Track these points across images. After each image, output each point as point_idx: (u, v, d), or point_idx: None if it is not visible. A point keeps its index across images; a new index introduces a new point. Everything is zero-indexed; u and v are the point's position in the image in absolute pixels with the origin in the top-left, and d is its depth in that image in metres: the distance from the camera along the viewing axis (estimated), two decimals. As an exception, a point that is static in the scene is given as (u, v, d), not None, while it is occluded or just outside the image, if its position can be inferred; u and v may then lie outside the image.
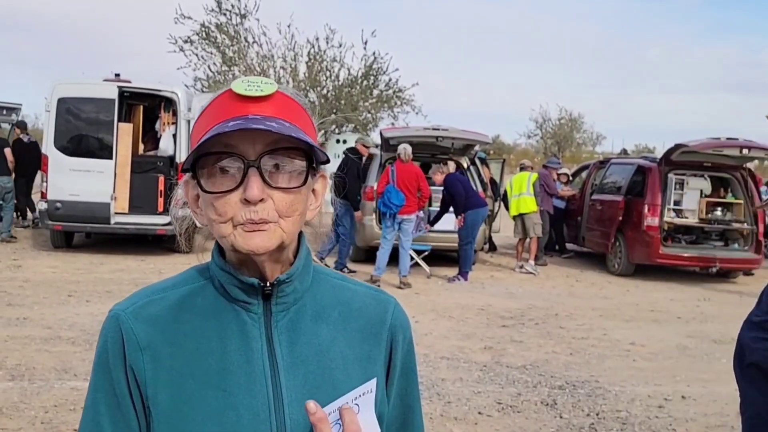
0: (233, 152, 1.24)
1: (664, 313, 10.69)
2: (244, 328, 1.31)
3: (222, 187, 1.25)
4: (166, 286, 1.37)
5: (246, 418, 1.26)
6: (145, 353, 1.28)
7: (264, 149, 1.24)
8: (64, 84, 13.22)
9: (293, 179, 1.27)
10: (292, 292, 1.34)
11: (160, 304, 1.33)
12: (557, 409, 6.24)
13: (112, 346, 1.30)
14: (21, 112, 18.32)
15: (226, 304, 1.33)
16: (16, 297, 9.47)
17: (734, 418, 6.23)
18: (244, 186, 1.23)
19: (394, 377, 1.42)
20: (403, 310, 1.46)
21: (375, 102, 26.69)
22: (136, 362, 1.28)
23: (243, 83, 1.27)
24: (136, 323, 1.30)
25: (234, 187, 1.24)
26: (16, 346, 7.28)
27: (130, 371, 1.28)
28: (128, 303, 1.34)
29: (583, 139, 54.73)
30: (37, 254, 13.03)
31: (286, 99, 1.30)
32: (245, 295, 1.32)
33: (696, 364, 7.95)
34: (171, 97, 13.60)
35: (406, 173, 11.82)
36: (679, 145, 13.32)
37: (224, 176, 1.25)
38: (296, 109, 1.31)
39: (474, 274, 12.85)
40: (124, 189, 13.37)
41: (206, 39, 25.58)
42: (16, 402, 5.76)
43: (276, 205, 1.25)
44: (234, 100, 1.27)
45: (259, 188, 1.23)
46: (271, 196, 1.25)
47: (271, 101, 1.27)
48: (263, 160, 1.24)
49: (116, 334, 1.30)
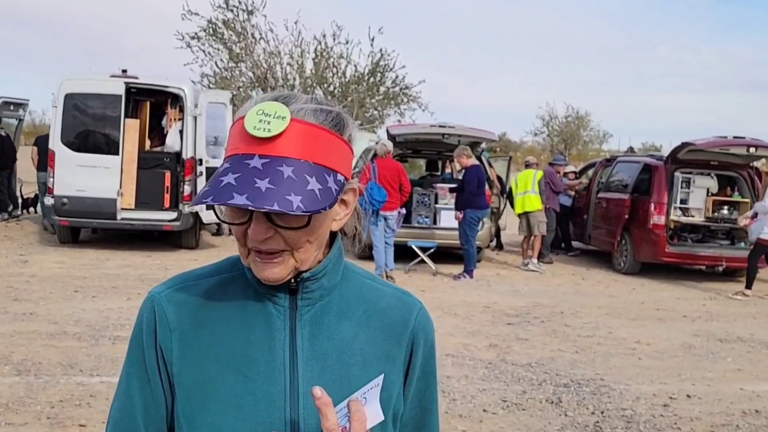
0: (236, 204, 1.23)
1: (670, 311, 10.67)
2: (269, 319, 1.36)
3: (234, 219, 1.30)
4: (202, 273, 1.44)
5: (263, 404, 1.31)
6: (174, 334, 1.36)
7: None
8: (71, 80, 13.25)
9: (299, 219, 1.27)
10: (318, 288, 1.38)
11: (192, 290, 1.41)
12: (562, 407, 6.24)
13: (147, 325, 1.38)
14: (28, 108, 18.38)
15: (254, 295, 1.38)
16: (23, 292, 9.50)
17: (739, 417, 6.22)
18: (249, 227, 1.28)
19: (413, 379, 1.45)
20: (427, 315, 1.48)
21: (382, 99, 26.67)
22: (165, 342, 1.36)
23: (255, 117, 1.25)
24: (168, 305, 1.38)
25: (242, 222, 1.29)
26: (22, 341, 7.31)
27: (160, 350, 1.36)
28: (164, 286, 1.42)
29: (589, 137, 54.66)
30: (44, 249, 13.07)
31: (302, 128, 1.26)
32: (272, 289, 1.37)
33: (701, 363, 7.94)
34: (178, 93, 13.62)
35: (387, 169, 11.79)
36: (686, 144, 13.29)
37: (236, 210, 1.30)
38: (313, 137, 1.27)
39: (480, 271, 12.85)
40: (131, 185, 13.40)
41: (213, 35, 25.59)
42: (22, 397, 5.78)
43: (285, 240, 1.29)
44: (243, 137, 1.26)
45: (261, 230, 1.27)
46: (279, 233, 1.28)
47: (284, 138, 1.24)
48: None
49: (150, 314, 1.39)
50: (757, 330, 9.66)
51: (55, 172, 12.94)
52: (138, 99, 14.45)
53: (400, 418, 1.45)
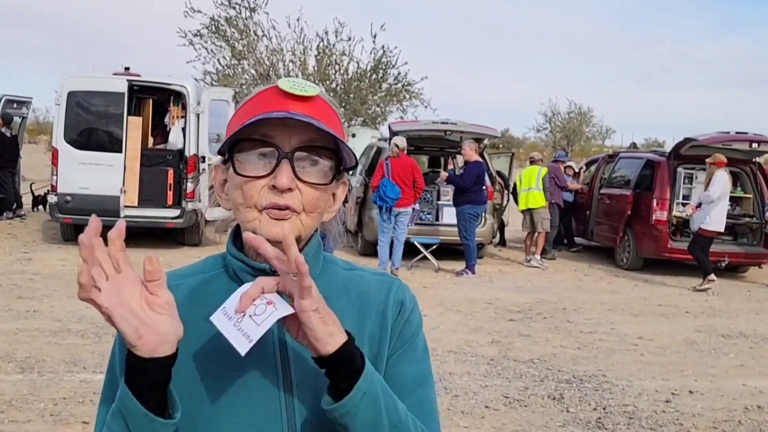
0: (270, 141, 1.31)
1: (673, 307, 10.68)
2: None
3: (254, 172, 1.32)
4: (185, 273, 1.44)
5: (258, 397, 1.32)
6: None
7: (299, 144, 1.31)
8: (74, 78, 13.28)
9: (321, 177, 1.34)
10: None
11: (177, 290, 1.36)
12: (564, 404, 6.25)
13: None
14: (32, 106, 18.40)
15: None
16: (26, 290, 9.53)
17: (741, 413, 6.23)
18: (275, 174, 1.30)
19: (392, 345, 1.42)
20: (405, 289, 1.48)
21: (384, 96, 26.68)
22: None
23: (289, 82, 1.34)
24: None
25: (265, 174, 1.31)
26: (25, 338, 7.33)
27: None
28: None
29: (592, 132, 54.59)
30: (48, 247, 13.09)
31: (324, 104, 1.37)
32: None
33: (704, 359, 7.94)
34: (180, 90, 13.63)
35: (401, 166, 11.84)
36: (689, 139, 13.28)
37: (258, 163, 1.32)
38: (332, 116, 1.38)
39: (482, 267, 12.86)
40: (134, 182, 13.41)
41: (216, 33, 25.62)
42: (26, 394, 5.80)
43: (303, 198, 1.32)
44: (278, 96, 1.34)
45: (288, 178, 1.30)
46: (299, 189, 1.32)
47: (312, 103, 1.34)
48: (297, 153, 1.31)
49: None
50: (759, 326, 9.66)
51: (59, 170, 12.96)
52: (141, 97, 14.46)
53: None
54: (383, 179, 11.76)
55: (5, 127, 16.20)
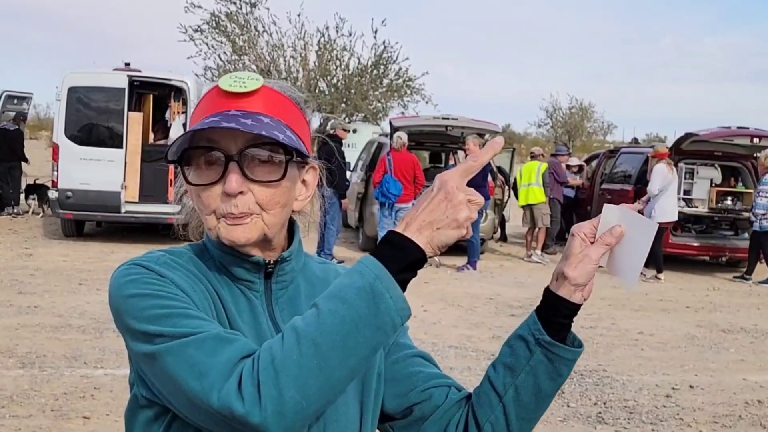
0: (215, 146, 1.29)
1: (673, 302, 10.68)
2: (251, 304, 1.37)
3: (206, 179, 1.30)
4: (177, 251, 1.39)
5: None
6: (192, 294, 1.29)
7: (245, 144, 1.29)
8: (74, 73, 13.28)
9: (273, 172, 1.31)
10: (290, 270, 1.41)
11: (182, 262, 1.35)
12: (565, 398, 6.25)
13: (153, 273, 1.27)
14: (32, 101, 18.40)
15: (230, 282, 1.38)
16: (27, 285, 9.53)
17: (742, 408, 6.23)
18: (224, 180, 1.28)
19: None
20: None
21: (385, 91, 26.65)
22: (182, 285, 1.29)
23: (229, 79, 1.32)
24: (172, 271, 1.30)
25: (215, 180, 1.29)
26: (26, 334, 7.33)
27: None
28: (151, 257, 1.33)
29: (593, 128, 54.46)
30: (48, 243, 13.10)
31: (272, 94, 1.34)
32: (248, 274, 1.37)
33: (704, 354, 7.94)
34: (181, 86, 13.63)
35: (402, 162, 11.85)
36: (690, 135, 13.27)
37: (209, 169, 1.30)
38: (282, 103, 1.35)
39: (483, 263, 12.86)
40: (135, 178, 13.42)
41: (216, 28, 25.60)
42: (27, 389, 5.81)
43: (256, 197, 1.30)
44: (220, 96, 1.32)
45: (237, 182, 1.27)
46: (251, 189, 1.30)
47: (255, 97, 1.32)
48: (244, 154, 1.29)
49: (148, 272, 1.28)
50: (760, 321, 9.66)
51: (59, 166, 12.96)
52: (141, 92, 14.46)
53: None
54: (386, 175, 11.75)
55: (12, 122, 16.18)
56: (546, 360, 1.35)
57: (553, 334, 1.35)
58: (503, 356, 1.40)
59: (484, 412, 1.40)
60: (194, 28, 25.54)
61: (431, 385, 1.46)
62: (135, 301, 1.24)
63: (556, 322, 1.36)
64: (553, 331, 1.35)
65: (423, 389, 1.45)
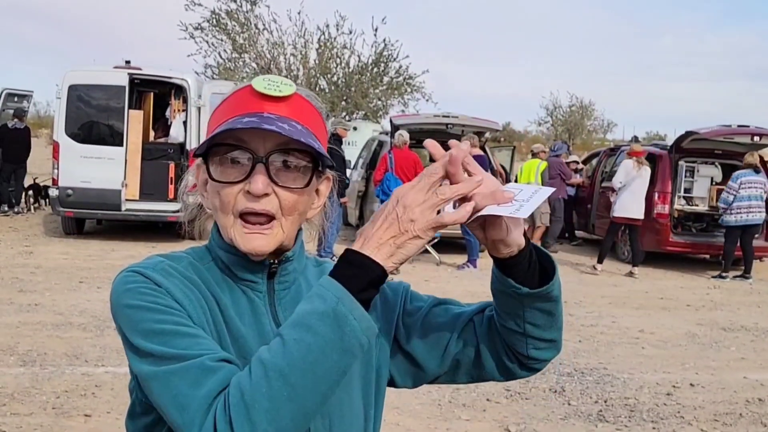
0: (244, 146, 1.29)
1: (674, 300, 10.68)
2: (254, 305, 1.37)
3: (230, 177, 1.30)
4: (177, 256, 1.40)
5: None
6: (187, 303, 1.29)
7: (273, 147, 1.29)
8: (75, 71, 13.28)
9: (298, 179, 1.31)
10: (293, 270, 1.41)
11: (180, 269, 1.35)
12: (565, 396, 6.25)
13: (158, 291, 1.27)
14: (33, 99, 18.39)
15: (232, 283, 1.38)
16: (28, 283, 9.53)
17: (742, 406, 6.23)
18: (249, 180, 1.28)
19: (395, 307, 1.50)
20: None
21: (385, 89, 26.64)
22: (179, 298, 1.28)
23: (264, 81, 1.32)
24: (169, 279, 1.30)
25: (241, 179, 1.29)
26: (27, 332, 7.34)
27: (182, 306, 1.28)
28: (150, 264, 1.34)
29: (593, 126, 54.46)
30: (49, 241, 13.10)
31: (302, 101, 1.35)
32: (251, 274, 1.37)
33: (705, 352, 7.94)
34: (181, 84, 13.63)
35: (404, 160, 11.85)
36: (690, 133, 13.26)
37: (233, 167, 1.30)
38: (311, 112, 1.36)
39: (484, 261, 12.84)
40: (135, 176, 13.42)
41: (217, 26, 25.59)
42: (28, 387, 5.81)
43: (280, 202, 1.30)
44: (253, 96, 1.32)
45: (263, 183, 1.27)
46: (276, 193, 1.30)
47: (288, 102, 1.32)
48: (272, 157, 1.29)
49: (153, 285, 1.28)
50: (760, 319, 9.66)
51: (60, 164, 12.96)
52: (142, 90, 14.46)
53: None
54: (387, 173, 11.75)
55: (17, 120, 16.17)
56: (537, 300, 1.35)
57: (524, 282, 1.32)
58: (501, 306, 1.39)
59: (521, 348, 1.44)
60: (194, 25, 25.56)
61: (459, 329, 1.48)
62: (131, 313, 1.26)
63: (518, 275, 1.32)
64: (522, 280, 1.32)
65: (457, 338, 1.47)
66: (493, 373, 1.49)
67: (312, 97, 1.38)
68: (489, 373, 1.49)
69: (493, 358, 1.47)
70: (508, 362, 1.46)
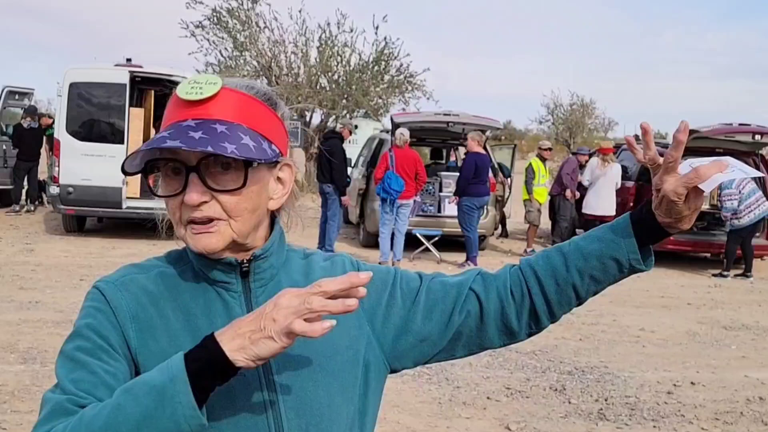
0: (175, 158, 1.28)
1: (675, 299, 10.67)
2: (227, 306, 1.36)
3: (170, 190, 1.30)
4: (149, 265, 1.41)
5: (238, 386, 1.28)
6: (134, 323, 1.31)
7: (201, 156, 1.26)
8: (75, 69, 13.28)
9: (237, 179, 1.28)
10: (268, 268, 1.39)
11: (145, 281, 1.36)
12: (566, 395, 6.25)
13: (103, 314, 1.31)
14: (34, 97, 18.38)
15: (207, 285, 1.37)
16: (29, 281, 9.54)
17: (743, 405, 6.23)
18: (185, 191, 1.27)
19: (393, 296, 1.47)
20: (352, 260, 1.51)
21: (386, 87, 26.63)
22: (126, 330, 1.30)
23: (187, 85, 1.31)
24: (124, 294, 1.33)
25: (178, 192, 1.29)
26: (28, 329, 7.34)
27: (123, 337, 1.30)
28: (113, 278, 1.36)
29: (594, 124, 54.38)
30: (50, 238, 13.10)
31: (232, 96, 1.31)
32: (224, 275, 1.36)
33: (706, 351, 7.94)
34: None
35: (404, 158, 11.86)
36: (691, 131, 13.18)
37: (174, 178, 1.30)
38: (246, 105, 1.32)
39: (484, 259, 12.85)
40: (136, 174, 13.40)
41: (217, 24, 25.58)
42: (28, 385, 5.81)
43: (222, 205, 1.29)
44: (177, 105, 1.31)
45: (197, 193, 1.27)
46: (216, 198, 1.28)
47: (213, 102, 1.29)
48: (203, 162, 1.27)
49: (104, 305, 1.32)
50: (761, 317, 9.65)
51: (61, 162, 12.97)
52: (142, 88, 14.48)
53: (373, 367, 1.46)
54: (388, 171, 11.75)
55: (30, 119, 16.18)
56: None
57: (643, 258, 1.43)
58: (593, 270, 1.44)
59: (561, 308, 1.47)
60: (195, 24, 25.55)
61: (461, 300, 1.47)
62: (72, 330, 1.31)
63: (647, 247, 1.44)
64: (643, 255, 1.43)
65: (459, 310, 1.46)
66: (493, 340, 1.49)
67: (251, 86, 1.35)
68: (489, 341, 1.48)
69: (498, 325, 1.46)
70: (515, 326, 1.46)
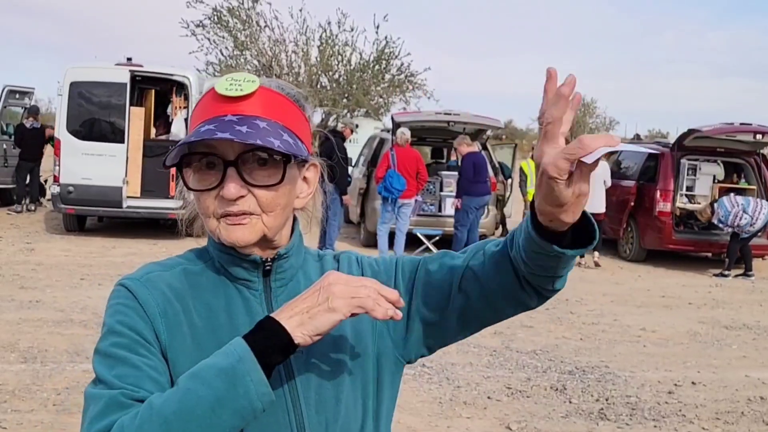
0: (213, 152, 1.29)
1: (676, 299, 10.67)
2: (248, 304, 1.37)
3: (205, 184, 1.31)
4: (171, 263, 1.42)
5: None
6: (163, 319, 1.32)
7: (243, 148, 1.28)
8: (76, 68, 13.28)
9: (273, 175, 1.30)
10: (289, 267, 1.41)
11: (170, 278, 1.38)
12: (567, 394, 6.25)
13: (132, 309, 1.31)
14: (34, 96, 18.38)
15: (228, 283, 1.38)
16: (29, 280, 9.54)
17: (744, 404, 6.22)
18: (222, 185, 1.29)
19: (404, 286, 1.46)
20: (358, 257, 1.52)
21: (387, 87, 26.60)
22: (157, 325, 1.32)
23: (226, 82, 1.32)
24: (151, 291, 1.34)
25: (214, 186, 1.30)
26: (28, 328, 7.34)
27: (153, 331, 1.31)
28: (137, 275, 1.37)
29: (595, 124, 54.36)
30: (50, 238, 13.10)
31: (269, 95, 1.34)
32: (246, 273, 1.38)
33: (707, 350, 7.93)
34: (183, 81, 13.62)
35: (405, 158, 11.86)
36: (693, 131, 13.24)
37: (209, 172, 1.31)
38: (281, 104, 1.35)
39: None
40: (136, 173, 13.42)
41: (218, 23, 25.56)
42: (29, 384, 5.81)
43: (258, 200, 1.31)
44: (216, 100, 1.32)
45: (235, 187, 1.28)
46: (252, 192, 1.30)
47: (252, 100, 1.31)
48: (242, 158, 1.29)
49: (132, 301, 1.32)
50: (762, 317, 9.65)
51: (61, 161, 12.97)
52: (143, 87, 14.45)
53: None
54: (389, 170, 11.75)
55: (32, 119, 16.18)
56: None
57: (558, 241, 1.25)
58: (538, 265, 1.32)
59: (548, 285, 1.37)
60: (196, 23, 25.51)
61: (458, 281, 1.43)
62: (104, 331, 1.33)
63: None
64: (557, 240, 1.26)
65: (458, 291, 1.43)
66: (505, 311, 1.44)
67: (284, 86, 1.38)
68: (500, 313, 1.44)
69: (505, 297, 1.41)
70: (523, 297, 1.40)
